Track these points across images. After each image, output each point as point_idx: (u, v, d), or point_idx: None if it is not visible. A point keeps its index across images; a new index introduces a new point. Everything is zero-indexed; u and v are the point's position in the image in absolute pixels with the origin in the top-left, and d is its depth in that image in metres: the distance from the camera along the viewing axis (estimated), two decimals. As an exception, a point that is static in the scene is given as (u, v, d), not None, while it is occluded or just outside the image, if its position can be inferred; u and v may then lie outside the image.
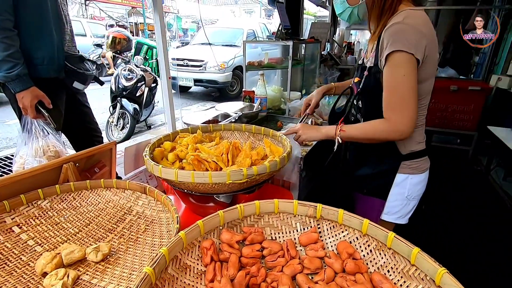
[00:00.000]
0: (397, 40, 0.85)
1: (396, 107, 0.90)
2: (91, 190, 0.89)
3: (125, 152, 1.11)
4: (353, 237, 0.66)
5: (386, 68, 0.90)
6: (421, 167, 1.05)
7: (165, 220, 0.79)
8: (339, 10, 1.06)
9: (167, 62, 1.55)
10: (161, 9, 1.61)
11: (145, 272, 0.47)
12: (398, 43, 0.85)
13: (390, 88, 0.90)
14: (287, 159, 0.98)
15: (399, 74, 0.87)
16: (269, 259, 0.64)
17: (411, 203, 1.08)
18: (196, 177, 0.82)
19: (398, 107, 0.89)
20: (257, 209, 0.70)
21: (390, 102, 0.91)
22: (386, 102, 0.92)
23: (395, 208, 1.08)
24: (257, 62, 2.11)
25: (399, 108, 0.89)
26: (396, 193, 1.06)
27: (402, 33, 0.85)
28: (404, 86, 0.87)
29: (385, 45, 0.88)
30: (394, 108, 0.90)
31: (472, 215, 2.60)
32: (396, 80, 0.88)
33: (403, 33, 0.85)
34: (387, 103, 0.92)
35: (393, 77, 0.89)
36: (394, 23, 0.87)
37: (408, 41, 0.84)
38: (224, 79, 6.54)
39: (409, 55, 0.85)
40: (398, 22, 0.86)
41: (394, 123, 0.90)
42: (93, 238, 0.78)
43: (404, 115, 0.89)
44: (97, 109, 5.28)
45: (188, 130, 1.26)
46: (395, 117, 0.90)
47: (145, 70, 4.31)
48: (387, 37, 0.87)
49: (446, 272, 0.50)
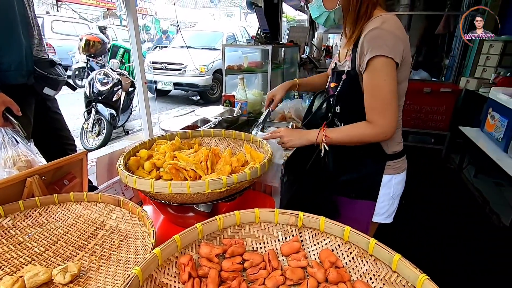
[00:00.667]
0: (377, 45, 0.88)
1: (380, 111, 0.93)
2: (59, 204, 0.83)
3: (97, 162, 1.05)
4: (335, 245, 0.65)
5: (368, 73, 0.92)
6: (402, 167, 1.10)
7: (141, 234, 0.75)
8: (315, 14, 1.06)
9: (142, 67, 1.49)
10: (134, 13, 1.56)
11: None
12: (378, 48, 0.87)
13: (373, 92, 0.93)
14: (268, 166, 0.97)
15: (380, 78, 0.90)
16: (251, 271, 0.62)
17: (395, 202, 1.13)
18: (173, 187, 0.78)
19: (382, 110, 0.92)
20: (237, 220, 0.68)
21: (373, 106, 0.94)
22: (370, 106, 0.95)
23: (383, 208, 1.11)
24: (236, 66, 2.09)
25: (383, 111, 0.92)
26: (383, 194, 1.09)
27: (381, 38, 0.88)
28: (386, 90, 0.91)
29: (365, 51, 0.90)
30: (378, 112, 0.93)
31: (446, 211, 2.71)
32: (378, 84, 0.91)
33: (382, 38, 0.88)
34: (370, 107, 0.95)
35: (375, 82, 0.92)
36: (372, 28, 0.89)
37: (387, 46, 0.87)
38: (205, 83, 6.47)
39: (389, 59, 0.88)
40: (376, 27, 0.89)
41: (379, 126, 0.93)
42: (61, 257, 0.73)
43: (387, 118, 0.92)
44: (71, 115, 5.07)
45: (166, 137, 1.22)
46: (380, 120, 0.93)
47: (121, 74, 4.18)
48: (367, 43, 0.90)
49: (427, 278, 0.50)
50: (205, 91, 6.71)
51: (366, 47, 0.90)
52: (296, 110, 1.87)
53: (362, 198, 1.12)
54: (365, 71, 0.93)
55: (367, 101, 0.96)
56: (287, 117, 1.90)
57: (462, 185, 3.21)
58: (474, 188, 3.04)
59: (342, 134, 1.01)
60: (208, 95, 6.86)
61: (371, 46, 0.89)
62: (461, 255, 2.14)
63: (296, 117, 1.86)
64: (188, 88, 6.66)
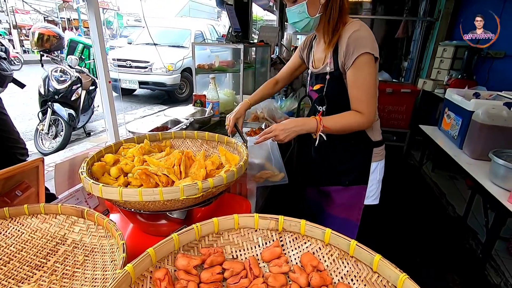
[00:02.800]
0: (362, 44, 0.99)
1: (366, 102, 1.03)
2: (11, 219, 0.73)
3: (56, 170, 0.95)
4: (316, 248, 0.65)
5: (353, 69, 1.02)
6: (384, 153, 1.25)
7: (109, 247, 0.69)
8: (295, 19, 1.08)
9: (106, 65, 1.39)
10: (96, 6, 1.44)
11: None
12: (363, 47, 0.98)
13: (360, 86, 1.03)
14: (245, 168, 0.94)
15: (366, 73, 1.01)
16: (231, 281, 0.59)
17: (380, 185, 1.27)
18: (145, 195, 0.73)
19: (368, 101, 1.03)
20: (215, 227, 0.65)
21: (360, 97, 1.04)
22: (356, 97, 1.04)
23: (372, 191, 1.24)
24: (207, 65, 2.04)
25: (368, 101, 1.03)
26: (373, 179, 1.23)
27: (364, 38, 1.00)
28: (371, 83, 1.02)
29: (351, 50, 1.00)
30: (365, 103, 1.03)
31: (407, 203, 2.90)
32: (364, 78, 1.02)
33: (365, 38, 1.00)
34: (357, 98, 1.04)
35: (362, 76, 1.02)
36: (354, 31, 1.00)
37: (371, 44, 0.99)
38: (172, 82, 6.22)
39: (371, 56, 1.00)
40: (357, 30, 1.00)
41: (366, 114, 1.03)
42: (14, 279, 0.64)
43: (372, 107, 1.04)
44: (22, 115, 4.62)
45: (134, 140, 1.14)
46: (367, 109, 1.03)
47: (81, 72, 3.88)
48: (352, 43, 1.00)
49: (407, 278, 0.51)
50: (173, 90, 6.47)
51: (352, 47, 1.00)
52: (268, 110, 1.87)
53: (356, 183, 1.22)
54: (350, 68, 1.02)
55: (353, 94, 1.05)
56: (260, 117, 1.88)
57: (421, 179, 3.45)
58: (432, 181, 3.28)
59: (336, 123, 1.05)
60: (176, 94, 6.63)
61: (356, 45, 0.99)
62: (420, 242, 2.30)
63: (268, 117, 1.85)
64: (154, 87, 6.37)
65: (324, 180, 1.32)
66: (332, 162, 1.27)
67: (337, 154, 1.24)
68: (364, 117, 1.04)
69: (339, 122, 1.06)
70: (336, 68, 1.08)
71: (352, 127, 1.06)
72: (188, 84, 6.80)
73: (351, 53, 1.00)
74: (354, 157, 1.21)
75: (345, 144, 1.20)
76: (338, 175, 1.25)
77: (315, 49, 1.23)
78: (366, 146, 1.18)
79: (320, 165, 1.34)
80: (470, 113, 1.80)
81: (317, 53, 1.20)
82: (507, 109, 1.64)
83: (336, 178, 1.26)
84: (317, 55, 1.21)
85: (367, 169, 1.20)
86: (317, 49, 1.22)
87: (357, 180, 1.22)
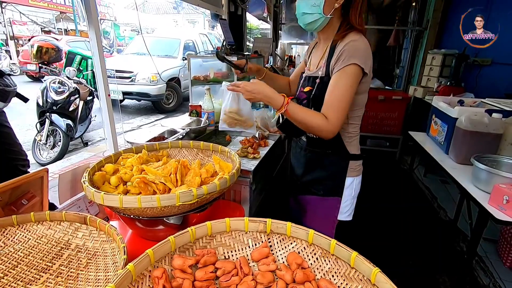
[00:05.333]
0: (355, 55, 0.99)
1: (336, 109, 1.01)
2: (18, 226, 0.78)
3: (60, 179, 1.00)
4: (301, 247, 0.71)
5: (337, 74, 1.02)
6: (360, 169, 1.23)
7: (110, 251, 0.74)
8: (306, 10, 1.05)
9: (105, 78, 1.45)
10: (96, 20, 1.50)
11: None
12: (355, 58, 0.98)
13: (336, 92, 1.02)
14: (237, 175, 1.01)
15: (347, 83, 1.00)
16: (223, 279, 0.65)
17: (355, 201, 1.26)
18: (143, 201, 0.79)
19: (337, 109, 1.01)
20: (209, 230, 0.71)
21: (332, 104, 1.02)
22: (328, 102, 1.03)
23: (346, 207, 1.23)
24: (202, 77, 2.11)
25: (338, 110, 1.01)
26: (347, 194, 1.21)
27: (359, 50, 1.00)
28: (347, 95, 1.01)
29: (343, 57, 1.00)
30: (335, 110, 1.01)
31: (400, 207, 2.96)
32: (344, 88, 1.01)
33: (360, 50, 1.00)
34: (329, 103, 1.03)
35: (342, 84, 1.01)
36: (353, 40, 1.00)
37: (364, 58, 0.99)
38: (157, 92, 6.14)
39: (359, 69, 1.00)
40: (355, 40, 1.00)
41: (330, 122, 1.01)
42: (23, 281, 0.69)
43: (338, 117, 1.02)
44: (20, 126, 4.66)
45: (132, 150, 1.20)
46: (333, 116, 1.01)
47: (79, 83, 3.95)
48: (347, 51, 1.00)
49: (379, 271, 0.57)
50: (159, 101, 6.38)
51: (344, 54, 1.00)
52: (262, 119, 1.94)
53: (330, 195, 1.21)
54: (335, 73, 1.02)
55: (327, 98, 1.03)
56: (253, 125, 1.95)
57: (413, 184, 3.53)
58: (424, 186, 3.35)
59: (299, 112, 1.03)
60: (162, 104, 6.52)
61: (349, 54, 0.99)
62: (413, 246, 2.35)
63: (262, 126, 1.92)
64: (139, 97, 6.30)
65: (301, 188, 1.31)
66: (308, 169, 1.26)
67: (313, 162, 1.24)
68: (327, 123, 1.01)
69: (302, 114, 1.03)
70: (327, 73, 1.09)
71: (311, 126, 1.03)
72: (175, 94, 6.73)
73: (342, 60, 1.00)
74: (330, 166, 1.20)
75: (321, 153, 1.20)
76: (312, 184, 1.24)
77: (313, 52, 1.25)
78: (343, 158, 1.18)
79: (298, 173, 1.33)
80: (455, 119, 1.88)
81: (314, 56, 1.22)
82: (488, 115, 1.73)
83: (311, 186, 1.25)
84: (313, 58, 1.22)
85: (341, 181, 1.19)
86: (315, 53, 1.23)
87: (331, 191, 1.21)
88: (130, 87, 6.08)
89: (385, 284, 0.55)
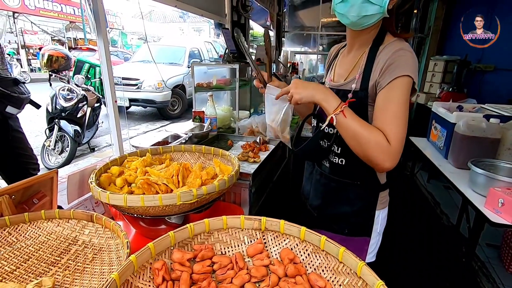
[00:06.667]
0: (405, 65, 0.81)
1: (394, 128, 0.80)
2: (29, 223, 0.84)
3: (68, 180, 1.06)
4: (293, 244, 0.75)
5: (387, 89, 0.82)
6: (387, 200, 1.04)
7: (115, 246, 0.79)
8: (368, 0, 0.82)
9: (112, 85, 1.52)
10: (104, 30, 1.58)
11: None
12: (406, 69, 0.80)
13: (390, 108, 0.82)
14: (236, 177, 1.05)
15: (401, 96, 0.81)
16: (219, 272, 0.69)
17: (380, 238, 1.07)
18: (146, 200, 0.84)
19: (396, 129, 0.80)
20: (206, 227, 0.75)
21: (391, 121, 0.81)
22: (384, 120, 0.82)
23: (373, 246, 1.04)
24: (206, 84, 2.18)
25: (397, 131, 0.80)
26: (374, 230, 1.02)
27: (410, 59, 0.82)
28: (404, 110, 0.82)
29: (392, 68, 0.82)
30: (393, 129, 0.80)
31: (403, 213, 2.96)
32: (398, 101, 0.81)
33: (410, 59, 0.82)
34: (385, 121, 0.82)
35: (395, 97, 0.81)
36: (401, 48, 0.83)
37: (414, 68, 0.82)
38: (162, 99, 6.30)
39: (411, 82, 0.82)
40: (403, 48, 0.83)
41: (391, 142, 0.80)
42: (33, 274, 0.74)
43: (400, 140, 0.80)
44: (30, 131, 4.79)
45: (137, 154, 1.26)
46: (393, 138, 0.80)
47: (87, 90, 4.07)
48: (396, 61, 0.81)
49: (365, 264, 0.61)
50: (164, 107, 6.52)
51: (394, 65, 0.81)
52: (263, 124, 1.99)
53: (357, 234, 1.01)
54: (384, 88, 0.83)
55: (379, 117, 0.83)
56: (255, 131, 2.00)
57: (417, 190, 3.52)
58: (427, 192, 3.35)
59: (356, 122, 0.82)
60: (168, 111, 6.66)
61: (399, 65, 0.81)
62: (415, 252, 2.35)
63: (263, 131, 1.97)
64: (145, 104, 6.46)
65: (318, 222, 1.08)
66: (329, 202, 1.04)
67: (336, 193, 1.02)
68: (389, 147, 0.79)
69: (359, 124, 0.82)
70: (364, 87, 0.88)
71: (367, 143, 0.81)
72: (180, 101, 6.87)
73: (391, 71, 0.82)
74: (358, 200, 0.99)
75: (349, 184, 0.99)
76: (335, 220, 1.04)
77: (339, 60, 1.04)
78: (372, 190, 0.98)
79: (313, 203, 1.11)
80: (453, 125, 1.91)
81: (342, 65, 1.01)
82: (485, 120, 1.75)
83: (333, 223, 1.04)
84: (340, 67, 1.01)
85: (371, 217, 0.99)
86: (342, 60, 1.03)
87: (358, 230, 1.01)
88: (136, 94, 6.25)
89: (369, 276, 0.58)
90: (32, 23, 14.09)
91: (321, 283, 0.64)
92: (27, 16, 13.38)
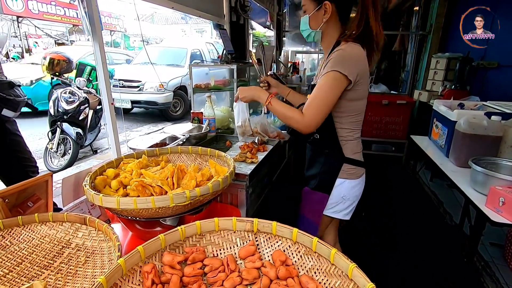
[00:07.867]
0: (338, 63, 1.07)
1: (312, 107, 1.11)
2: (23, 226, 0.84)
3: (63, 183, 1.07)
4: (286, 245, 0.74)
5: (322, 79, 1.10)
6: (357, 173, 1.27)
7: (107, 249, 0.79)
8: (302, 27, 1.24)
9: (108, 86, 1.53)
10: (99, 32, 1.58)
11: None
12: (337, 66, 1.07)
13: (315, 93, 1.11)
14: (230, 178, 1.04)
15: (328, 86, 1.09)
16: (210, 275, 0.69)
17: (347, 202, 1.30)
18: (139, 203, 0.84)
19: (313, 107, 1.11)
20: (198, 229, 0.75)
21: (311, 103, 1.12)
22: (309, 101, 1.13)
23: (332, 204, 1.30)
24: (204, 85, 2.18)
25: (313, 108, 1.11)
26: (336, 194, 1.27)
27: (343, 58, 1.08)
28: (325, 96, 1.10)
29: (330, 65, 1.09)
30: (311, 107, 1.11)
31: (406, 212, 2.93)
32: (322, 89, 1.10)
33: (344, 59, 1.08)
34: (309, 102, 1.13)
35: (321, 85, 1.10)
36: (340, 49, 1.10)
37: (346, 65, 1.07)
38: (164, 100, 6.32)
39: (342, 76, 1.07)
40: (343, 49, 1.09)
41: (305, 118, 1.11)
42: (26, 277, 0.74)
43: (314, 115, 1.11)
44: (33, 135, 4.83)
45: (133, 156, 1.26)
46: (308, 113, 1.11)
47: (89, 92, 4.09)
48: (333, 59, 1.09)
49: (355, 267, 0.59)
50: (166, 109, 6.54)
51: (331, 62, 1.08)
52: (261, 125, 1.98)
53: (319, 190, 1.30)
54: (319, 78, 1.12)
55: (309, 97, 1.14)
56: (254, 132, 1.99)
57: (420, 188, 3.48)
58: (430, 191, 3.31)
59: (280, 108, 1.20)
60: (170, 112, 6.68)
61: (334, 62, 1.08)
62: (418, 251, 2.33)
63: (262, 132, 1.96)
64: (147, 106, 6.48)
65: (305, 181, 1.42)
66: (309, 164, 1.37)
67: (313, 158, 1.34)
68: (302, 119, 1.12)
69: (282, 109, 1.19)
70: None
71: (289, 117, 1.16)
72: (182, 102, 6.88)
73: (328, 66, 1.09)
74: (324, 164, 1.27)
75: (320, 152, 1.29)
76: (310, 177, 1.35)
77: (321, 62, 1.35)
78: (337, 159, 1.24)
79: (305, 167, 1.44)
80: (454, 123, 1.88)
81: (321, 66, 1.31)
82: (487, 118, 1.72)
83: (309, 179, 1.36)
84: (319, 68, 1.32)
85: (331, 180, 1.26)
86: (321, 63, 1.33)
87: (320, 187, 1.29)
88: (138, 96, 6.26)
89: (360, 278, 0.57)
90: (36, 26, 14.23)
91: (312, 286, 0.63)
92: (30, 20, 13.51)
